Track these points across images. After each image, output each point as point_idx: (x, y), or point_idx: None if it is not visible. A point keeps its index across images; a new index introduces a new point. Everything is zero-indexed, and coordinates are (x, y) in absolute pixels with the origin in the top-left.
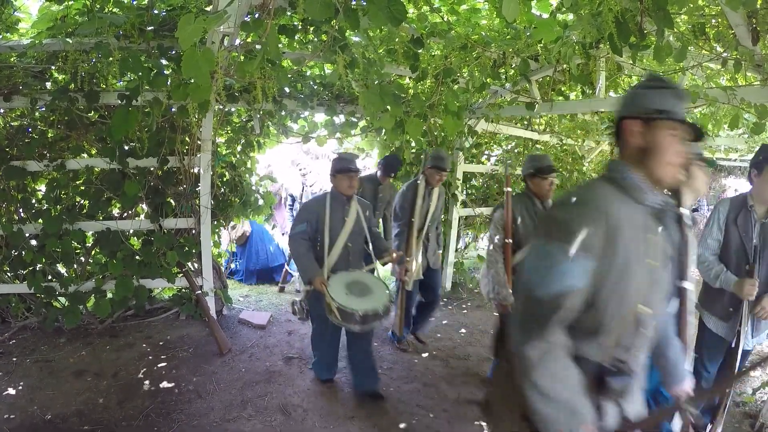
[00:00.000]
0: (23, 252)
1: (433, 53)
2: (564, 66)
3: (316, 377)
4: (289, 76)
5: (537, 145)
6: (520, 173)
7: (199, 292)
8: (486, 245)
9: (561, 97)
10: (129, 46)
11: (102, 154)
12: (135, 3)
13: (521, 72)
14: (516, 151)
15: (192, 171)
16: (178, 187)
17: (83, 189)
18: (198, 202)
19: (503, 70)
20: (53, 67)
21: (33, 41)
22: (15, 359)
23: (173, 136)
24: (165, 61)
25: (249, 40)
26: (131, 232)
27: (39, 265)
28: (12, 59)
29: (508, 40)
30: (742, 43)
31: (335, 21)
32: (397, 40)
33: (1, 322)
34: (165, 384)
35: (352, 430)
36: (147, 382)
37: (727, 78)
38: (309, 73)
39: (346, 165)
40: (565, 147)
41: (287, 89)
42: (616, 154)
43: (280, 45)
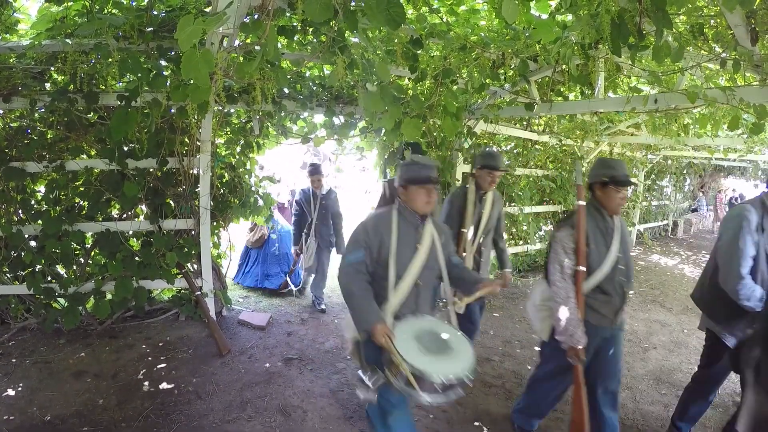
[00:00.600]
0: (23, 253)
1: (433, 54)
2: (563, 67)
3: (315, 378)
4: (289, 77)
5: (536, 146)
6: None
7: (199, 293)
8: (551, 273)
9: (560, 98)
10: (128, 47)
11: (101, 155)
12: (134, 4)
13: (520, 73)
14: (515, 152)
15: (191, 172)
16: (177, 188)
17: (83, 190)
18: (197, 203)
19: (502, 70)
20: (52, 68)
21: (32, 42)
22: (14, 360)
23: (173, 137)
24: (164, 62)
25: (248, 41)
26: (131, 233)
27: (38, 266)
28: (11, 60)
29: (507, 40)
30: (741, 44)
31: (334, 22)
32: (396, 41)
33: (1, 323)
34: (164, 385)
35: (351, 430)
36: (146, 383)
37: (726, 78)
38: (308, 74)
39: (423, 174)
40: (564, 147)
41: (286, 90)
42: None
43: (279, 46)
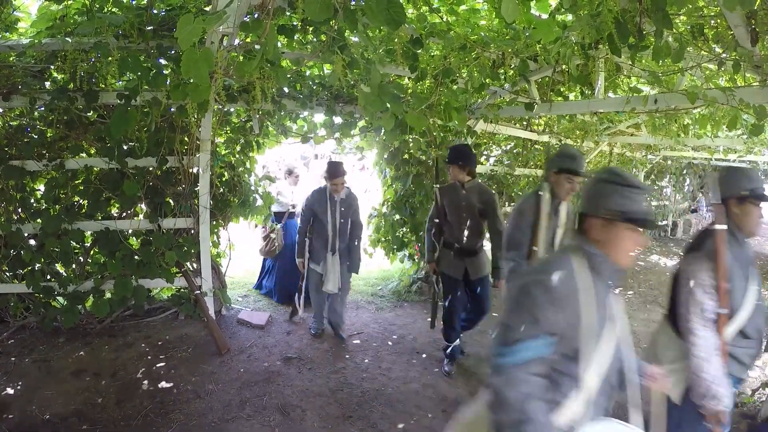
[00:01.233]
0: (22, 252)
1: (433, 53)
2: (563, 66)
3: (314, 377)
4: (288, 76)
5: (536, 146)
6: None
7: (198, 292)
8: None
9: (560, 98)
10: (128, 45)
11: (101, 153)
12: (134, 3)
13: (520, 72)
14: (515, 152)
15: (191, 171)
16: (177, 187)
17: (82, 189)
18: (197, 202)
19: (502, 70)
20: (52, 67)
21: (32, 41)
22: (13, 359)
23: (172, 135)
24: (164, 61)
25: (248, 40)
26: (130, 231)
27: (38, 265)
28: (11, 59)
29: (507, 40)
30: (741, 44)
31: (334, 21)
32: (397, 40)
33: (0, 321)
34: (164, 384)
35: (350, 430)
36: (146, 382)
37: (726, 79)
38: (308, 74)
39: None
40: None
41: (286, 89)
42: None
43: (279, 45)
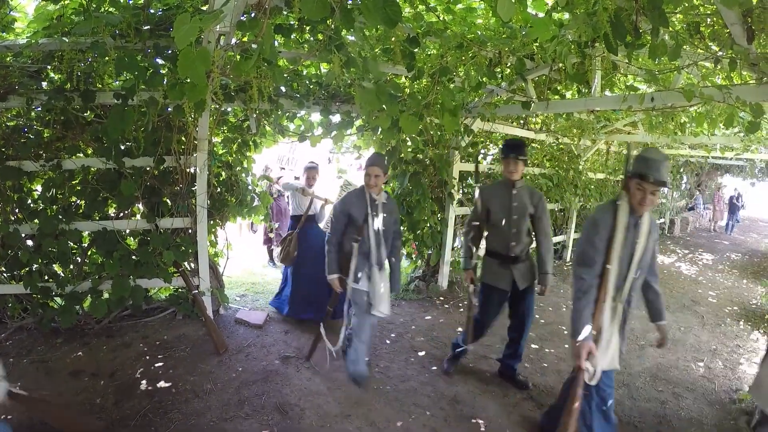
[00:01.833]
0: (19, 252)
1: (429, 52)
2: (560, 65)
3: (312, 375)
4: (285, 75)
5: (533, 144)
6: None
7: (196, 291)
8: None
9: (557, 96)
10: (125, 45)
11: (98, 153)
12: (131, 2)
13: (517, 71)
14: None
15: (188, 170)
16: (174, 187)
17: (79, 189)
18: (194, 201)
19: (499, 69)
20: (49, 67)
21: (29, 41)
22: (12, 360)
23: (169, 135)
24: (161, 61)
25: (245, 39)
26: (128, 231)
27: (35, 266)
28: (8, 59)
29: (503, 39)
30: (737, 42)
31: (331, 20)
32: (393, 39)
33: None
34: (162, 384)
35: (348, 428)
36: (144, 381)
37: (723, 77)
38: (305, 73)
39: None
40: (561, 146)
41: (283, 88)
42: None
43: (276, 44)
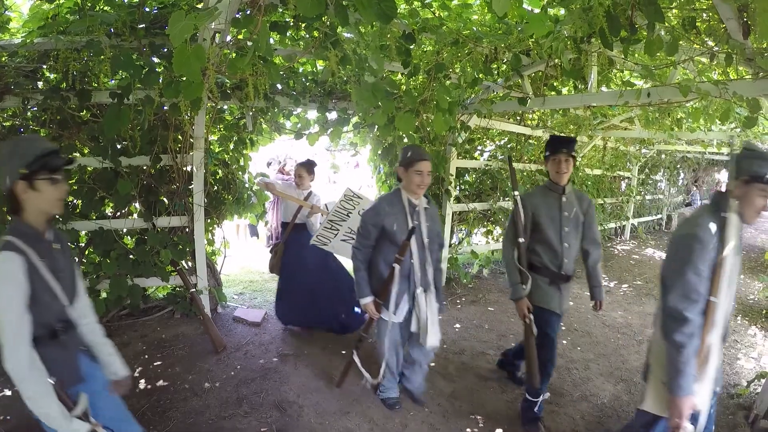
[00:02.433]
0: None
1: (425, 49)
2: (556, 61)
3: (311, 373)
4: (281, 72)
5: (530, 141)
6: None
7: (194, 290)
8: None
9: (553, 92)
10: (120, 44)
11: (94, 153)
12: (126, 1)
13: (513, 67)
14: (509, 147)
15: (185, 169)
16: (171, 186)
17: (76, 188)
18: (191, 200)
19: (495, 65)
20: (45, 67)
21: (24, 40)
22: None
23: (166, 134)
24: (156, 59)
25: (240, 37)
26: (125, 231)
27: None
28: (3, 59)
29: (499, 35)
30: (733, 37)
31: (326, 17)
32: (389, 35)
33: None
34: (160, 382)
35: (347, 425)
36: (142, 380)
37: (719, 72)
38: (301, 70)
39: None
40: None
41: (279, 86)
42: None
43: (271, 41)
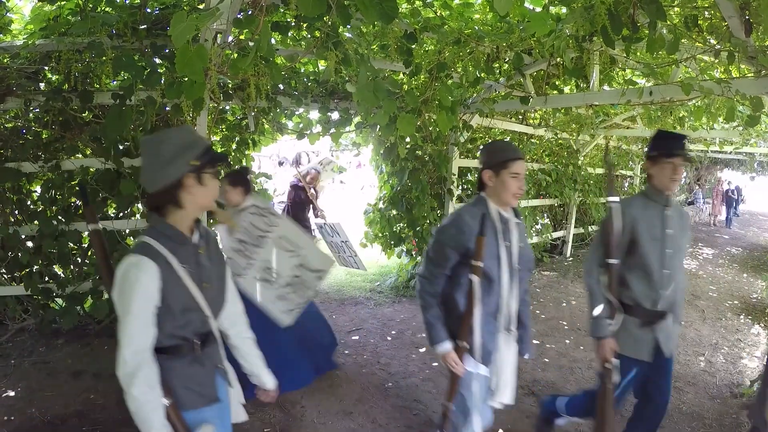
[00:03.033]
0: (19, 254)
1: (427, 48)
2: (558, 60)
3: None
4: (283, 73)
5: (532, 140)
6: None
7: None
8: None
9: (555, 91)
10: (122, 45)
11: (97, 154)
12: (128, 2)
13: (515, 66)
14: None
15: None
16: None
17: (79, 189)
18: None
19: (497, 64)
20: (46, 68)
21: (26, 42)
22: (13, 361)
23: None
24: (158, 60)
25: (242, 37)
26: (127, 231)
27: (35, 267)
28: (5, 60)
29: (501, 34)
30: (735, 35)
31: (328, 17)
32: (390, 35)
33: None
34: None
35: (350, 425)
36: None
37: (721, 70)
38: (303, 70)
39: None
40: (560, 141)
41: (281, 86)
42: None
43: (273, 42)
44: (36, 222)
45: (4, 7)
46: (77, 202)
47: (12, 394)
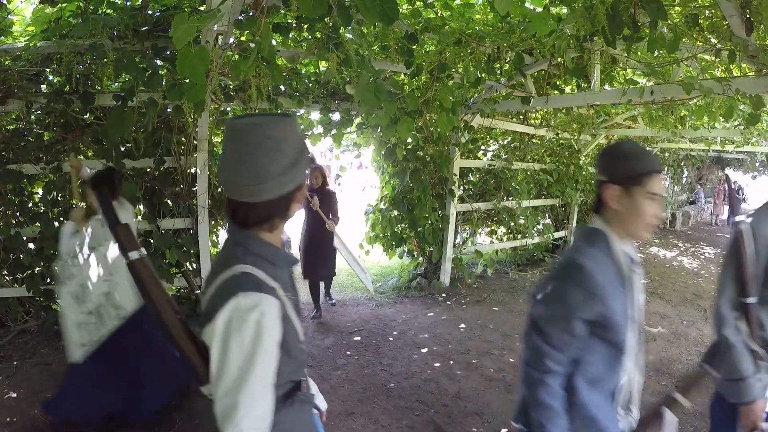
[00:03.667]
0: (21, 255)
1: (428, 49)
2: (559, 59)
3: (315, 375)
4: (284, 74)
5: (533, 140)
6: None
7: (198, 291)
8: None
9: (556, 91)
10: (123, 46)
11: (98, 155)
12: (129, 4)
13: (516, 66)
14: (513, 146)
15: (189, 171)
16: (175, 188)
17: (80, 191)
18: (195, 201)
19: (498, 64)
20: (48, 70)
21: (27, 44)
22: (15, 363)
23: (169, 136)
24: (160, 62)
25: (243, 38)
26: None
27: (37, 269)
28: (6, 62)
29: (502, 34)
30: (735, 34)
31: (329, 18)
32: (391, 36)
33: (1, 326)
34: None
35: (352, 426)
36: None
37: (722, 69)
38: (304, 71)
39: None
40: (562, 141)
41: (282, 87)
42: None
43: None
44: (37, 224)
45: (5, 9)
46: (79, 203)
47: (14, 395)
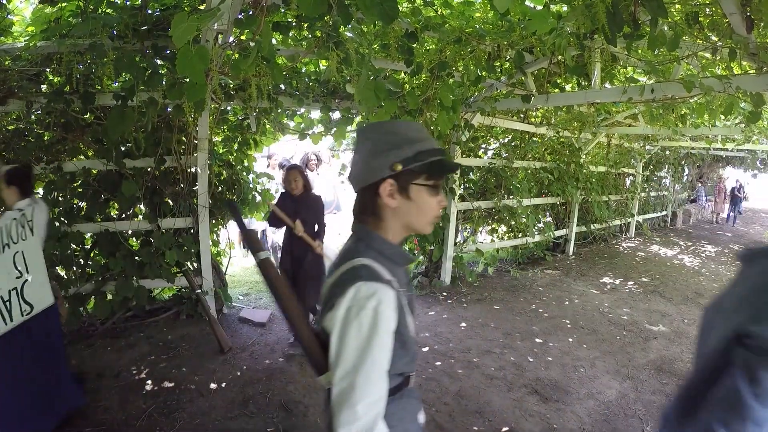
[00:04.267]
0: None
1: (428, 47)
2: (559, 57)
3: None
4: (284, 73)
5: (534, 138)
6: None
7: (199, 291)
8: None
9: (556, 89)
10: (123, 46)
11: (99, 155)
12: (128, 3)
13: (516, 64)
14: (513, 144)
15: (189, 170)
16: (175, 187)
17: (81, 191)
18: (196, 201)
19: (498, 62)
20: (48, 70)
21: (27, 44)
22: None
23: (169, 135)
24: (159, 61)
25: (243, 37)
26: (130, 232)
27: None
28: (6, 62)
29: (502, 32)
30: (736, 32)
31: (329, 17)
32: (391, 34)
33: None
34: (166, 383)
35: None
36: (149, 382)
37: (722, 67)
38: (304, 70)
39: None
40: (562, 139)
41: (282, 86)
42: None
43: (274, 42)
44: None
45: (5, 9)
46: (79, 203)
47: None
